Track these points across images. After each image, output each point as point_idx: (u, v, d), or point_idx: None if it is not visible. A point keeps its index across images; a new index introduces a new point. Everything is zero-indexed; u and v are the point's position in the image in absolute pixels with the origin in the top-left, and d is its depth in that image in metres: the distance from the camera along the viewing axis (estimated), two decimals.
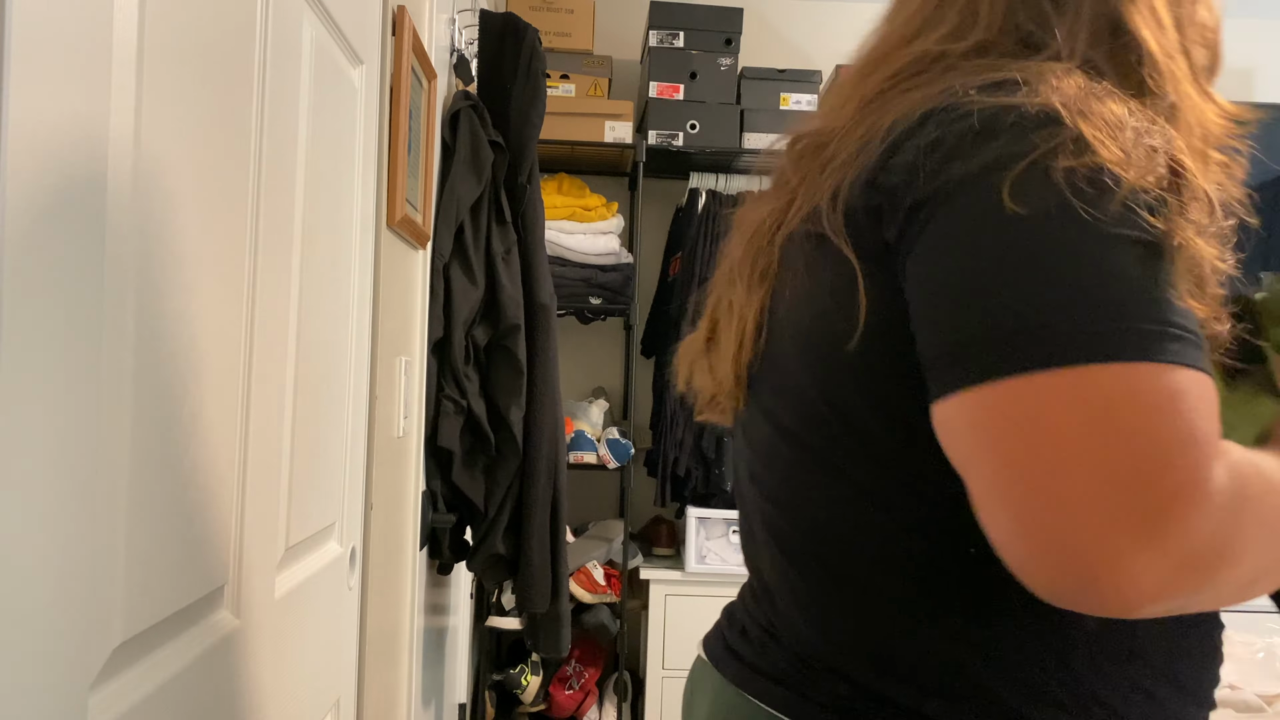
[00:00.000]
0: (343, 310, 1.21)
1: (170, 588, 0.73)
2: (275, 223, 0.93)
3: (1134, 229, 0.54)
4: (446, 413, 1.75)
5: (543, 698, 2.97)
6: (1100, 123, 0.56)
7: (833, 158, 0.67)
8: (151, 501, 0.69)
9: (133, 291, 0.65)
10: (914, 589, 0.64)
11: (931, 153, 0.58)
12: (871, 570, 0.65)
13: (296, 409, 1.01)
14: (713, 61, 3.07)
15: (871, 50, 0.74)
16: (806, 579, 0.69)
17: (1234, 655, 1.66)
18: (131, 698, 0.67)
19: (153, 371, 0.68)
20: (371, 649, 1.39)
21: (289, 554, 1.02)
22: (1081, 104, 0.57)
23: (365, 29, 1.26)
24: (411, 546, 1.67)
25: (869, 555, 0.65)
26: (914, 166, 0.58)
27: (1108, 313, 0.52)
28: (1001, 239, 0.54)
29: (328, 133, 1.09)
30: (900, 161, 0.60)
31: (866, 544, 0.65)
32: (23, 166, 0.52)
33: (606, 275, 2.97)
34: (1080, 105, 0.57)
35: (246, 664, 0.89)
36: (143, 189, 0.66)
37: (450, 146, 1.79)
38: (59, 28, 0.55)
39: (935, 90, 0.63)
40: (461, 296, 1.76)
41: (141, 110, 0.65)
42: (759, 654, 0.72)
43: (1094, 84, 0.60)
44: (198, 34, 0.74)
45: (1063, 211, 0.53)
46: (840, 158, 0.66)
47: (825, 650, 0.67)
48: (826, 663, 0.67)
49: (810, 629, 0.68)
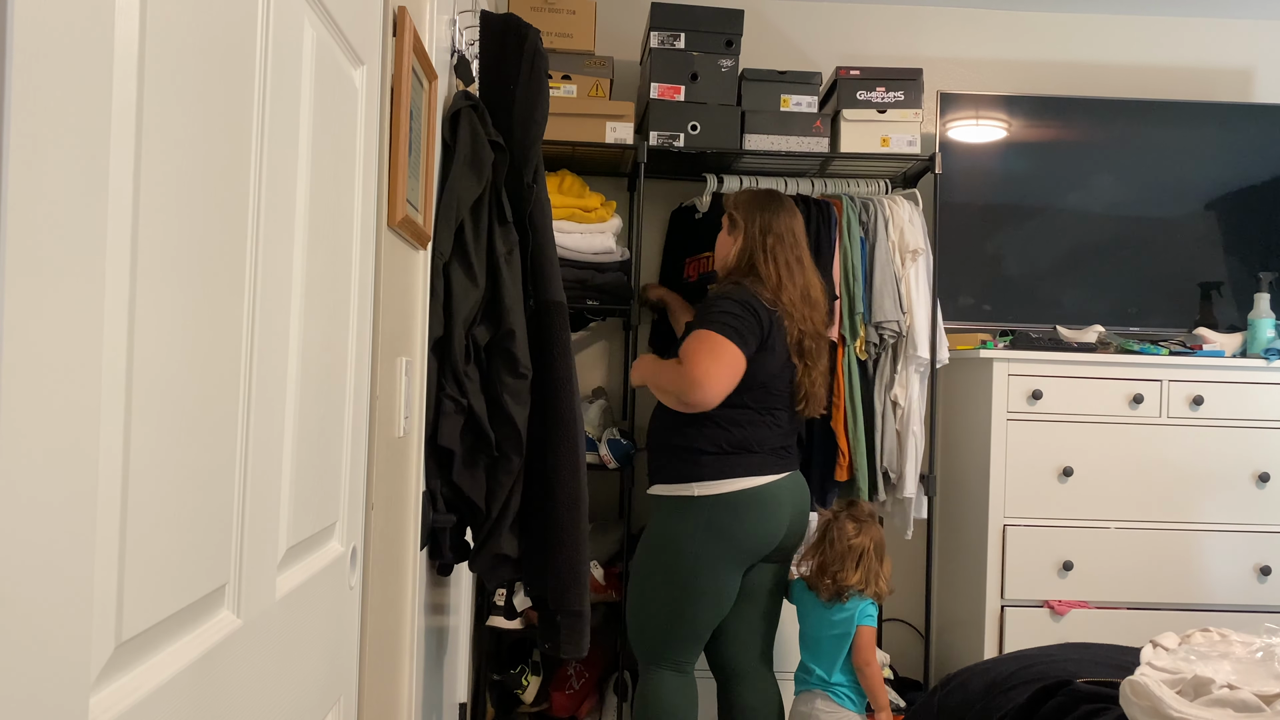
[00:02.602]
0: (343, 310, 1.21)
1: (171, 588, 0.73)
2: (276, 223, 0.93)
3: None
4: (447, 412, 1.75)
5: (543, 698, 2.97)
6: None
7: None
8: (151, 501, 0.69)
9: (133, 290, 0.65)
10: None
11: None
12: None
13: (297, 409, 1.01)
14: (714, 63, 3.07)
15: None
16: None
17: (1234, 655, 1.66)
18: (131, 698, 0.67)
19: (153, 370, 0.68)
20: (372, 649, 1.40)
21: (290, 554, 1.02)
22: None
23: (366, 30, 1.26)
24: (412, 546, 1.67)
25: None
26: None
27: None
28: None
29: (328, 133, 1.09)
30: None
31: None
32: (24, 164, 0.52)
33: (603, 276, 2.97)
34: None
35: (247, 664, 0.89)
36: (143, 188, 0.66)
37: (450, 146, 1.80)
38: (60, 28, 0.55)
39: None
40: (462, 295, 1.76)
41: (143, 110, 0.65)
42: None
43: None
44: (199, 35, 0.74)
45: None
46: None
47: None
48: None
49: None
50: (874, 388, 3.06)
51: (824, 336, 2.52)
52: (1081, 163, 3.40)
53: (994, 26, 3.59)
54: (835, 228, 3.02)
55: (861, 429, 3.00)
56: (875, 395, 3.05)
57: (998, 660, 2.14)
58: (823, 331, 2.51)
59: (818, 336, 2.48)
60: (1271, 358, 3.04)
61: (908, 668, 3.42)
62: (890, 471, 3.04)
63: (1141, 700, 1.53)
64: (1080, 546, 3.01)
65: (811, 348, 2.46)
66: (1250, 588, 3.04)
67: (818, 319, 2.48)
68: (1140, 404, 3.02)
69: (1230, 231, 3.39)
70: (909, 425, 3.02)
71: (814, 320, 2.46)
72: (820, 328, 2.49)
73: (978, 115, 3.37)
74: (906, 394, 3.03)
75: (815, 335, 2.47)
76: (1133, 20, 3.60)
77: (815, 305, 2.47)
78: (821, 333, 2.50)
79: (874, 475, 3.02)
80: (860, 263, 3.03)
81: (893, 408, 3.05)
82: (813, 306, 2.46)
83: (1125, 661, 1.88)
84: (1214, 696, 1.50)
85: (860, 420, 3.01)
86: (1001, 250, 3.40)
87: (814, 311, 2.46)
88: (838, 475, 3.00)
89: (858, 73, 3.12)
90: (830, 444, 3.01)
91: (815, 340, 2.47)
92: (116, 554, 0.65)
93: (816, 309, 2.47)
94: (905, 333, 3.02)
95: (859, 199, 3.12)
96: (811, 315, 2.45)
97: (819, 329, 2.49)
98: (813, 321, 2.46)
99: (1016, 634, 2.97)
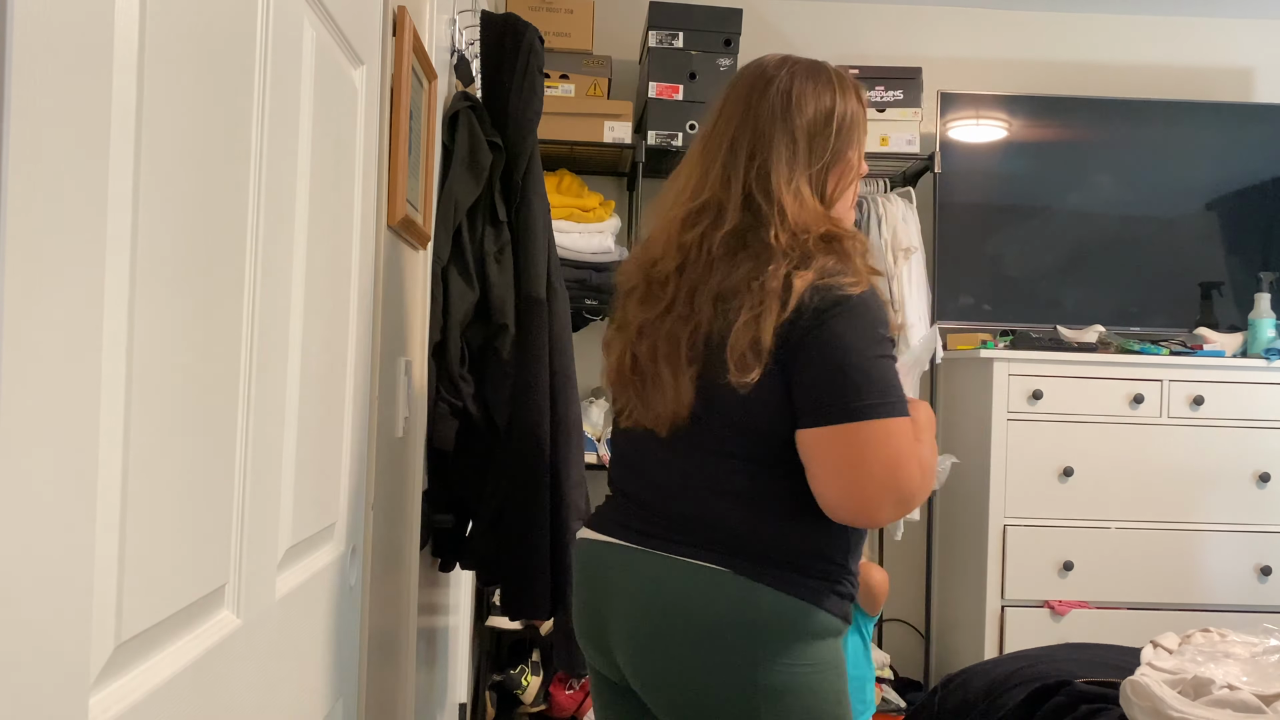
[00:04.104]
0: (343, 310, 1.21)
1: (171, 587, 0.73)
2: (276, 222, 0.93)
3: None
4: (442, 415, 1.76)
5: (543, 698, 2.97)
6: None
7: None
8: (151, 501, 0.69)
9: (133, 290, 0.65)
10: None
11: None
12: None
13: (297, 408, 1.01)
14: (712, 62, 3.07)
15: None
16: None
17: (1234, 655, 1.66)
18: (131, 698, 0.67)
19: (153, 370, 0.68)
20: (372, 649, 1.40)
21: (290, 554, 1.02)
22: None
23: (366, 29, 1.26)
24: (412, 546, 1.67)
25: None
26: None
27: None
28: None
29: (328, 133, 1.09)
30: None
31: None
32: (25, 160, 0.52)
33: (601, 275, 2.97)
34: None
35: (247, 664, 0.89)
36: (143, 188, 0.66)
37: (449, 148, 1.80)
38: (60, 28, 0.55)
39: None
40: (458, 299, 1.76)
41: (143, 110, 0.65)
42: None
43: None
44: (198, 35, 0.74)
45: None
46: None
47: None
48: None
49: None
50: None
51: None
52: (1082, 163, 3.40)
53: (994, 26, 3.58)
54: None
55: None
56: None
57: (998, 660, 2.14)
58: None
59: None
60: (1272, 358, 3.04)
61: (908, 668, 3.42)
62: None
63: (1142, 700, 1.52)
64: (1080, 546, 3.01)
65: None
66: (1250, 588, 3.04)
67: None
68: (1141, 404, 3.02)
69: (1230, 231, 3.39)
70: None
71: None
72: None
73: (978, 115, 3.37)
74: None
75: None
76: (1133, 20, 3.60)
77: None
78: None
79: None
80: None
81: None
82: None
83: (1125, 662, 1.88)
84: (1214, 697, 1.50)
85: None
86: (1002, 250, 3.40)
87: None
88: None
89: (857, 72, 3.11)
90: None
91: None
92: (116, 554, 0.65)
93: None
94: (897, 332, 3.02)
95: None
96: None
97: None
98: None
99: (1016, 634, 2.97)
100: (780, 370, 1.21)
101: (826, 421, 1.19)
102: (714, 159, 1.32)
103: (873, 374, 1.20)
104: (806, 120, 1.29)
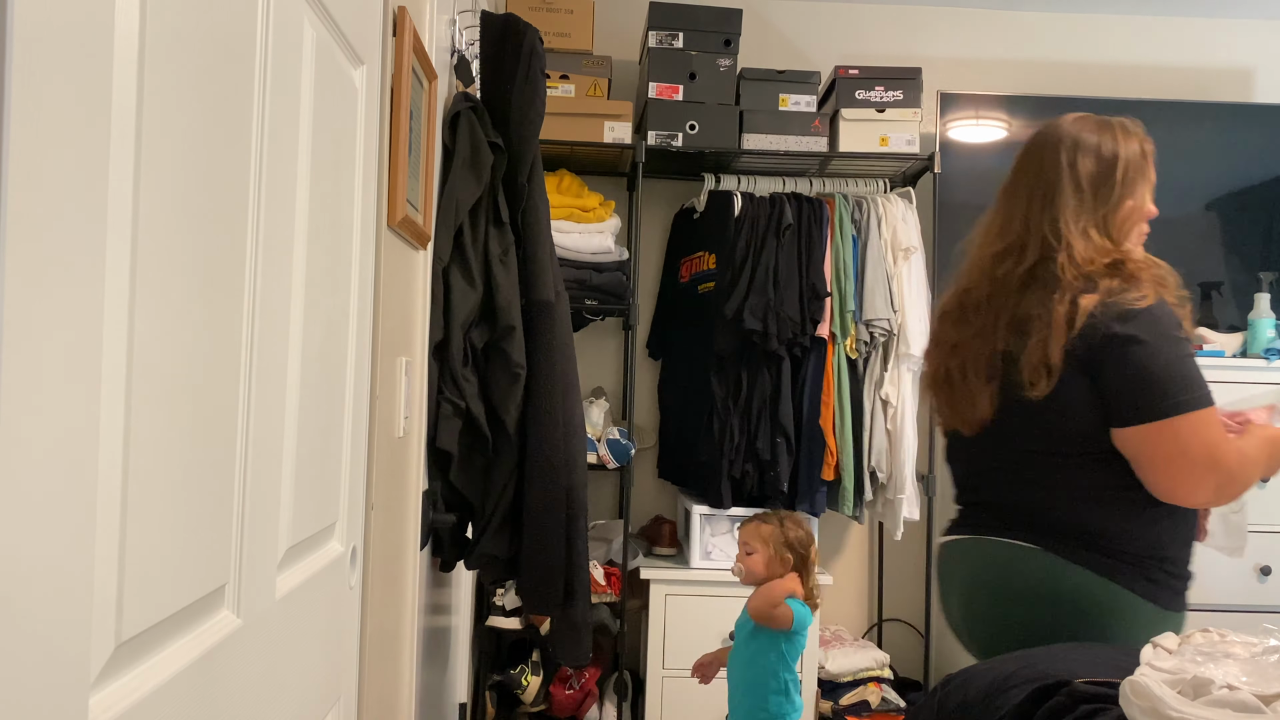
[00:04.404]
0: (343, 310, 1.21)
1: (171, 587, 0.73)
2: (276, 222, 0.93)
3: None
4: (445, 414, 1.76)
5: (543, 698, 2.97)
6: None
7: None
8: (151, 501, 0.69)
9: (133, 290, 0.65)
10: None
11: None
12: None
13: (297, 408, 1.01)
14: (712, 62, 3.07)
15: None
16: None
17: (1234, 655, 1.66)
18: (132, 698, 0.67)
19: (153, 370, 0.68)
20: (371, 649, 1.39)
21: (290, 554, 1.02)
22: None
23: (366, 29, 1.26)
24: (412, 546, 1.67)
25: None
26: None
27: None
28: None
29: (328, 133, 1.09)
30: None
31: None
32: (25, 160, 0.52)
33: (601, 276, 2.97)
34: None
35: (247, 664, 0.89)
36: (143, 188, 0.66)
37: (450, 149, 1.79)
38: (60, 28, 0.55)
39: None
40: (460, 299, 1.76)
41: (143, 110, 0.65)
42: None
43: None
44: (199, 35, 0.74)
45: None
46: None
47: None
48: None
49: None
50: (863, 386, 3.05)
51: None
52: None
53: (994, 26, 3.58)
54: (827, 225, 3.02)
55: (849, 428, 3.00)
56: (865, 394, 3.05)
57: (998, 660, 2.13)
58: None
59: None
60: (1271, 358, 3.04)
61: (908, 668, 3.42)
62: (879, 471, 3.03)
63: (1141, 700, 1.52)
64: None
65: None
66: (1250, 588, 3.04)
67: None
68: None
69: (1230, 231, 3.39)
70: (901, 424, 3.02)
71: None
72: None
73: (978, 115, 3.37)
74: (898, 392, 3.03)
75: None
76: (1133, 20, 3.60)
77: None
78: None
79: (861, 475, 3.02)
80: (852, 261, 3.04)
81: (883, 406, 3.04)
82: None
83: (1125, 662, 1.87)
84: (1214, 697, 1.49)
85: (848, 419, 3.01)
86: None
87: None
88: (825, 474, 3.00)
89: (856, 72, 3.11)
90: (819, 443, 3.00)
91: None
92: (116, 554, 0.65)
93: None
94: (897, 331, 3.02)
95: (852, 197, 3.12)
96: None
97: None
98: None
99: None
100: (1074, 379, 1.42)
101: (1140, 420, 1.40)
102: (1015, 207, 1.55)
103: (1174, 372, 1.40)
104: (1089, 171, 1.50)
